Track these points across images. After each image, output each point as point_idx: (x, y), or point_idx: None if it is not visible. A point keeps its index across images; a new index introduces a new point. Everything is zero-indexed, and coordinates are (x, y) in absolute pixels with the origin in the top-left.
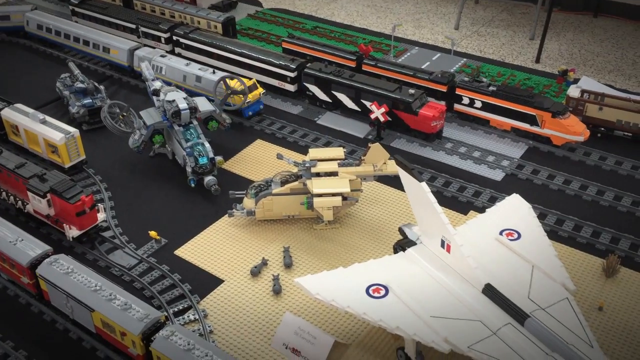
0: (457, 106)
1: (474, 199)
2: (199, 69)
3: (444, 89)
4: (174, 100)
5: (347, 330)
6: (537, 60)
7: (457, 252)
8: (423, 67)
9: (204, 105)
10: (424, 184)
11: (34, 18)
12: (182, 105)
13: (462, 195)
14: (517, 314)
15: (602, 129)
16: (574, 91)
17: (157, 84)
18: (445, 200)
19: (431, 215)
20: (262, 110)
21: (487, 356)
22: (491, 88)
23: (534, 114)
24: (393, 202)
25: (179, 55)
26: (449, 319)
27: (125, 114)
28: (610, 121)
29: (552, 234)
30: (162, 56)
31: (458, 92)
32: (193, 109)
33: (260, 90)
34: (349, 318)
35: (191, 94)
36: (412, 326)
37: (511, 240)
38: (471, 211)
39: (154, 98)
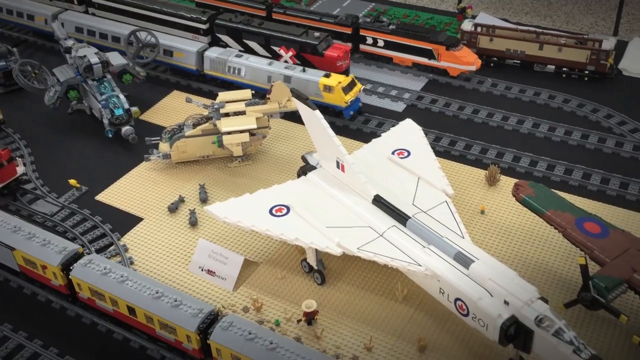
0: (362, 46)
1: (377, 129)
2: (286, 68)
3: (348, 30)
4: (85, 56)
5: (258, 251)
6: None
7: (350, 171)
8: (335, 13)
9: (116, 59)
10: (317, 111)
11: (70, 20)
12: (94, 59)
13: (367, 127)
14: (401, 217)
15: (495, 58)
16: (467, 25)
17: (69, 42)
18: (351, 133)
19: (326, 140)
20: (361, 107)
21: (373, 253)
22: (391, 27)
23: (431, 48)
24: (300, 137)
25: (93, 15)
26: (342, 228)
27: (37, 71)
28: (500, 51)
29: (446, 154)
30: (238, 56)
31: (362, 33)
32: (105, 63)
33: (360, 86)
34: (259, 241)
35: None
36: (309, 236)
37: (401, 158)
38: (373, 140)
39: (67, 56)
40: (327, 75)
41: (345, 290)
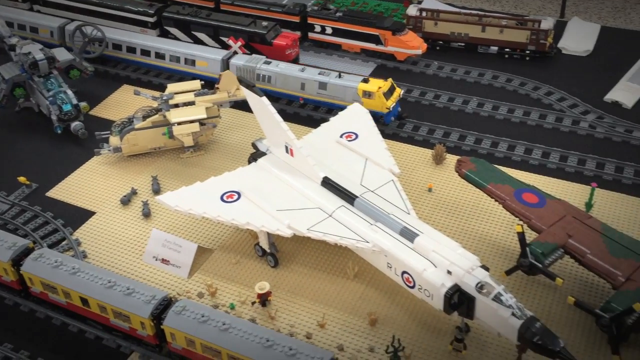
0: (311, 34)
1: (327, 115)
2: (320, 74)
3: (296, 19)
4: (30, 52)
5: (212, 238)
6: None
7: (298, 155)
8: (284, 2)
9: (62, 54)
10: (264, 98)
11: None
12: (39, 55)
13: (316, 113)
14: (348, 197)
15: (440, 42)
16: (412, 10)
17: (13, 40)
18: (302, 119)
19: (274, 126)
20: (400, 112)
21: (323, 233)
22: (338, 14)
23: (377, 33)
24: (251, 125)
25: (38, 12)
26: (293, 210)
27: None
28: (445, 34)
29: (395, 135)
30: (267, 63)
31: (310, 21)
32: (51, 59)
33: (399, 91)
34: (213, 228)
35: (312, 104)
36: (260, 220)
37: (349, 140)
38: (322, 124)
39: (12, 54)
40: (365, 81)
41: (298, 271)
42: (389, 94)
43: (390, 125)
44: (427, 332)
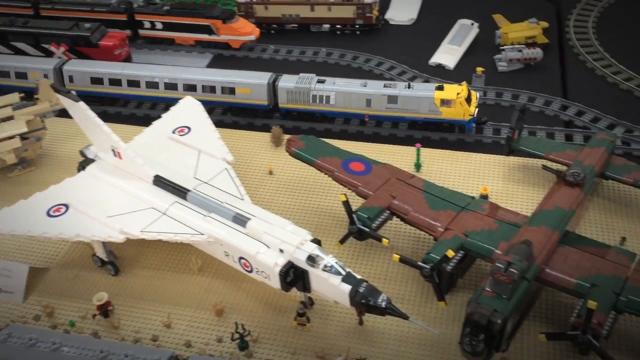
0: (141, 32)
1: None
2: (386, 87)
3: (123, 17)
4: None
5: (45, 256)
6: None
7: (126, 156)
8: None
9: None
10: (81, 103)
11: (80, 71)
12: None
13: (154, 112)
14: (181, 192)
15: (274, 25)
16: None
17: None
18: (140, 120)
19: (97, 130)
20: (479, 117)
21: (157, 232)
22: (165, 8)
23: (208, 23)
24: (82, 133)
25: None
26: (124, 214)
27: None
28: (277, 17)
29: (235, 124)
30: (321, 81)
31: (138, 17)
32: None
33: (475, 94)
34: (46, 246)
35: (380, 120)
36: (90, 230)
37: (182, 135)
38: (154, 122)
39: None
40: (440, 88)
41: (141, 275)
42: (468, 99)
43: (230, 114)
44: (273, 313)
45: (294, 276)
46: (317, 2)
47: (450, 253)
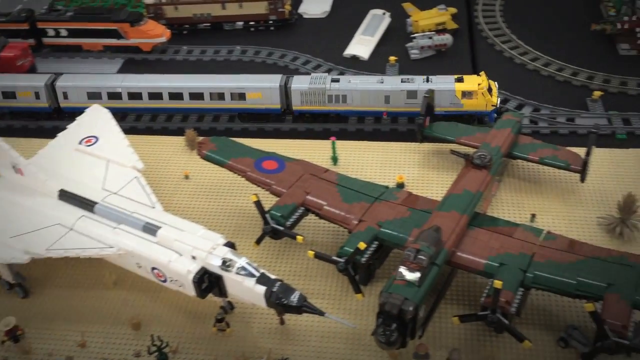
0: (45, 40)
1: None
2: (403, 82)
3: (25, 26)
4: None
5: None
6: None
7: (28, 172)
8: (17, 10)
9: None
10: None
11: (76, 86)
12: None
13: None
14: (88, 205)
15: (186, 25)
16: None
17: None
18: (48, 132)
19: None
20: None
21: (64, 249)
22: (69, 14)
23: (115, 27)
24: None
25: None
26: (28, 233)
27: None
28: (188, 17)
29: (149, 129)
30: (335, 80)
31: (41, 26)
32: None
33: (494, 83)
34: None
35: (398, 116)
36: None
37: (89, 145)
38: (59, 134)
39: None
40: (460, 80)
41: (53, 295)
42: (489, 89)
43: (143, 120)
44: (192, 321)
45: (209, 282)
46: (228, 0)
47: (362, 245)
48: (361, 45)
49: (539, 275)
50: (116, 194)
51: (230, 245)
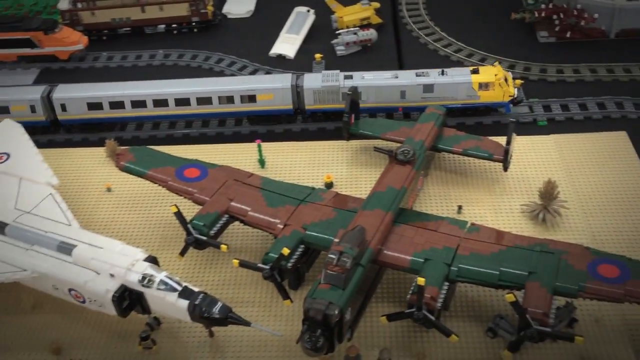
0: None
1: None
2: (419, 76)
3: None
4: None
5: None
6: None
7: None
8: None
9: None
10: None
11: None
12: None
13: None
14: None
15: (105, 31)
16: (64, 4)
17: None
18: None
19: None
20: (516, 97)
21: None
22: None
23: (28, 36)
24: None
25: None
26: None
27: None
28: (106, 22)
29: (69, 141)
30: (348, 77)
31: None
32: None
33: (509, 73)
34: None
35: (411, 110)
36: None
37: (0, 162)
38: None
39: None
40: (475, 72)
41: None
42: (505, 80)
43: (61, 132)
44: (117, 341)
45: (130, 300)
46: (147, 3)
47: (285, 251)
48: (287, 44)
49: (462, 269)
50: (29, 213)
51: (151, 259)
